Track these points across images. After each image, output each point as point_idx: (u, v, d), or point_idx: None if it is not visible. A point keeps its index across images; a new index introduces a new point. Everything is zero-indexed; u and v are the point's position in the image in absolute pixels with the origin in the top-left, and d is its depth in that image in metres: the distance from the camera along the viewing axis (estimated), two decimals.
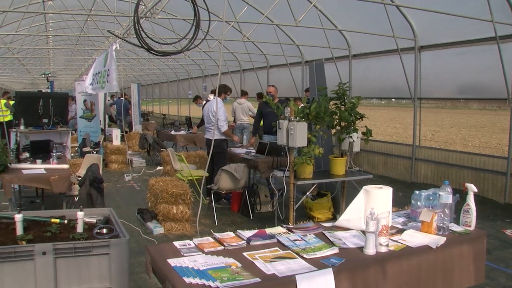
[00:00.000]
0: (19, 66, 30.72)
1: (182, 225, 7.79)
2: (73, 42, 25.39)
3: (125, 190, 10.93)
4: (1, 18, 13.92)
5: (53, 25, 22.37)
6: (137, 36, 5.90)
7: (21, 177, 7.30)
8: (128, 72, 30.39)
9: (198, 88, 25.96)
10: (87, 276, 3.84)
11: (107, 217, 4.68)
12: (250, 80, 20.67)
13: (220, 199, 9.30)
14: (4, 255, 3.65)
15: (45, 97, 10.57)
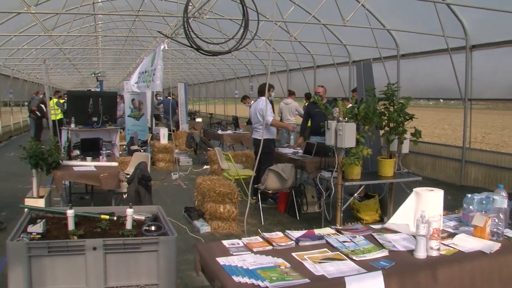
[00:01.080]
0: (70, 66, 31.46)
1: (229, 224, 7.83)
2: (121, 42, 25.84)
3: (172, 188, 11.06)
4: (54, 20, 14.30)
5: (102, 26, 22.81)
6: (187, 36, 5.94)
7: (72, 173, 7.49)
8: (175, 71, 30.73)
9: (245, 88, 26.04)
10: (136, 272, 3.90)
11: (155, 215, 4.73)
12: (297, 80, 20.60)
13: (267, 199, 9.30)
14: (57, 248, 3.75)
15: (94, 96, 10.76)
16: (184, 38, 6.54)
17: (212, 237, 7.45)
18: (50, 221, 4.47)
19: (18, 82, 26.84)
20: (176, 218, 8.14)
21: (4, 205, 8.52)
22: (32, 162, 7.04)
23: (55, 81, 40.30)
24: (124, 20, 19.46)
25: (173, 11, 14.46)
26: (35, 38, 19.15)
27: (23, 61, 22.64)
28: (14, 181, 11.51)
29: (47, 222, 4.30)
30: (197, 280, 5.72)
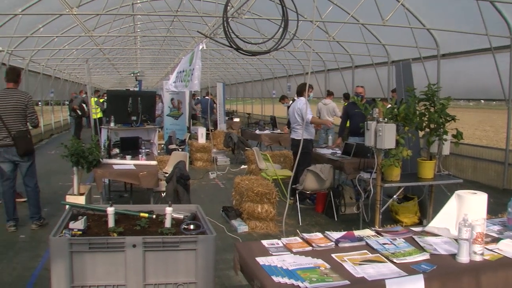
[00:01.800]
0: (109, 65, 31.98)
1: (267, 224, 7.83)
2: (160, 42, 26.13)
3: (209, 188, 11.13)
4: (95, 21, 14.55)
5: (141, 26, 23.12)
6: (226, 36, 5.96)
7: (112, 172, 7.60)
8: (213, 71, 30.93)
9: (283, 88, 26.02)
10: (174, 270, 3.93)
11: (194, 214, 4.76)
12: (335, 80, 20.47)
13: (305, 199, 9.28)
14: (98, 245, 3.82)
15: (134, 95, 10.89)
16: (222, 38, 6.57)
17: (249, 237, 7.47)
18: (91, 218, 4.54)
19: (59, 82, 27.39)
20: (213, 217, 8.18)
21: (46, 202, 8.69)
22: (73, 160, 7.18)
23: (95, 81, 41.03)
24: (162, 20, 19.69)
25: (211, 11, 14.54)
26: (76, 39, 19.55)
27: (64, 61, 23.12)
28: (55, 178, 11.76)
29: (87, 219, 4.37)
30: (235, 280, 5.75)
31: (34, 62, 19.89)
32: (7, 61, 16.27)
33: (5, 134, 7.31)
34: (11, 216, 7.67)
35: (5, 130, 7.29)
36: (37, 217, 7.77)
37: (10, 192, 7.60)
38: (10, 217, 7.67)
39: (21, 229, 7.70)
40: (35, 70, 21.17)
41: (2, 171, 7.57)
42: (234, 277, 5.79)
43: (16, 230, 7.63)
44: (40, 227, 7.73)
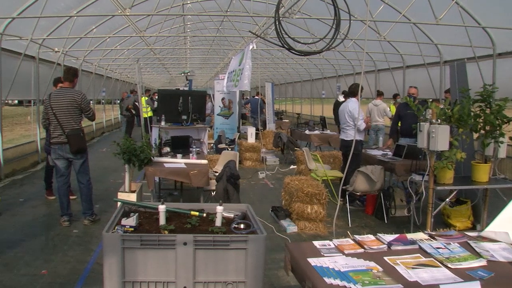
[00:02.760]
0: (159, 65, 32.42)
1: (316, 225, 7.77)
2: (209, 42, 26.33)
3: (259, 187, 11.13)
4: (146, 21, 14.78)
5: (191, 26, 23.36)
6: (278, 36, 5.95)
7: (163, 170, 7.68)
8: (262, 71, 30.99)
9: (332, 88, 25.84)
10: (224, 269, 3.94)
11: (244, 213, 4.77)
12: (385, 81, 20.17)
13: (354, 200, 9.17)
14: (149, 242, 3.87)
15: (184, 95, 10.99)
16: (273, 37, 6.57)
17: (298, 237, 7.43)
18: (142, 215, 4.61)
19: (110, 81, 27.97)
20: (262, 217, 8.17)
21: (98, 198, 8.88)
22: (125, 158, 7.30)
23: (145, 80, 41.67)
24: (212, 20, 19.84)
25: (260, 11, 14.58)
26: (127, 39, 19.94)
27: (115, 61, 23.57)
28: (106, 176, 12.01)
29: (139, 216, 4.43)
30: (283, 280, 5.73)
31: (87, 62, 20.36)
32: (62, 61, 16.71)
33: (59, 132, 7.51)
34: (65, 211, 7.89)
35: (59, 128, 7.49)
36: (89, 213, 7.95)
37: (64, 188, 7.82)
38: (64, 212, 7.89)
39: (75, 224, 7.91)
40: (88, 70, 21.68)
41: (57, 168, 7.81)
42: (283, 277, 5.77)
43: (70, 225, 7.84)
44: (92, 223, 7.91)
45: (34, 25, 11.98)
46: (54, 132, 7.58)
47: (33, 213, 8.71)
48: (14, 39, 12.01)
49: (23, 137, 21.73)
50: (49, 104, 7.54)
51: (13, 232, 7.55)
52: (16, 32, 11.89)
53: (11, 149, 12.99)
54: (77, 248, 6.82)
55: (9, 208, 8.96)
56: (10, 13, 10.95)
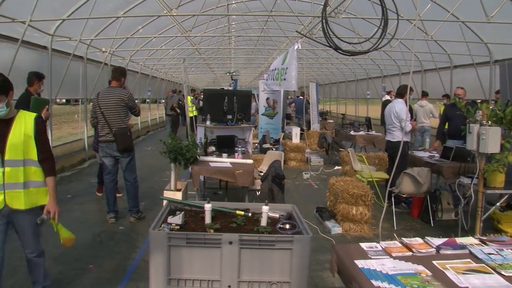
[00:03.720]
0: (204, 65, 32.68)
1: (361, 226, 7.67)
2: (254, 42, 26.38)
3: (303, 188, 11.08)
4: (191, 21, 14.91)
5: (236, 26, 23.44)
6: (325, 35, 5.91)
7: (209, 169, 7.73)
8: (306, 71, 30.86)
9: (377, 88, 25.55)
10: (269, 269, 3.93)
11: (289, 213, 4.75)
12: (431, 81, 19.78)
13: (400, 203, 9.02)
14: (195, 240, 3.90)
15: (229, 94, 11.03)
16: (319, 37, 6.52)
17: (343, 239, 7.37)
18: (188, 213, 4.65)
19: (155, 81, 28.32)
20: (306, 217, 8.08)
21: (143, 196, 8.99)
22: (172, 156, 7.37)
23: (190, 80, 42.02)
24: (257, 20, 19.87)
25: (305, 11, 14.51)
26: (172, 39, 20.15)
27: (160, 60, 23.86)
28: (152, 174, 12.15)
29: (185, 215, 4.47)
30: (327, 281, 5.69)
31: (133, 61, 20.68)
32: (109, 61, 17.03)
33: (107, 131, 7.65)
34: (111, 208, 8.03)
35: (107, 127, 7.62)
36: (135, 210, 8.07)
37: (111, 186, 7.96)
38: (110, 209, 8.03)
39: (121, 221, 8.05)
40: (133, 70, 22.01)
41: (104, 166, 7.96)
42: (327, 279, 5.73)
43: (116, 221, 7.99)
44: (138, 220, 8.03)
45: (83, 26, 12.24)
46: (102, 130, 7.72)
47: (80, 209, 8.91)
48: (64, 40, 12.30)
49: (70, 135, 22.25)
50: (97, 103, 7.68)
51: None
52: (66, 33, 12.18)
53: (59, 146, 13.30)
54: (123, 244, 6.93)
55: (58, 204, 9.13)
56: (60, 15, 11.22)
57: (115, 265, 6.12)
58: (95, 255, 6.45)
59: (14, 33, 9.88)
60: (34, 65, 10.27)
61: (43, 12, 9.87)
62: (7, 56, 9.56)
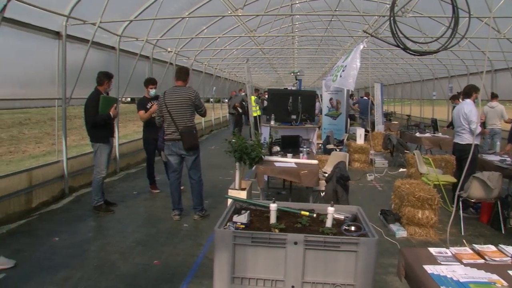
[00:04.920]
0: (267, 65, 32.75)
1: (426, 231, 7.48)
2: (317, 41, 26.24)
3: (367, 189, 10.93)
4: (256, 21, 14.97)
5: (299, 26, 23.36)
6: (393, 35, 5.79)
7: (274, 169, 7.73)
8: (370, 71, 30.47)
9: (443, 89, 24.90)
10: (333, 270, 3.89)
11: (354, 215, 4.69)
12: (503, 81, 19.05)
13: (468, 207, 8.74)
14: (260, 240, 3.90)
15: (294, 94, 11.00)
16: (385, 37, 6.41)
17: (408, 243, 7.20)
18: (253, 213, 4.65)
19: (219, 80, 28.58)
20: (371, 220, 7.90)
21: (207, 194, 9.09)
22: (237, 156, 7.42)
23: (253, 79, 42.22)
24: (321, 20, 19.74)
25: (371, 10, 14.30)
26: (236, 39, 20.28)
27: (224, 60, 24.07)
28: (215, 172, 12.27)
29: (250, 214, 4.47)
30: (391, 286, 5.61)
31: (197, 61, 20.94)
32: (174, 61, 17.32)
33: (173, 129, 7.76)
34: (176, 205, 8.17)
35: (173, 125, 7.74)
36: (199, 208, 8.17)
37: (176, 184, 8.08)
38: (175, 206, 8.17)
39: (185, 219, 8.17)
40: (198, 69, 22.29)
41: (169, 164, 8.09)
42: (391, 283, 5.64)
43: (180, 219, 8.12)
44: (202, 218, 8.12)
45: (149, 27, 12.49)
46: (168, 129, 7.84)
47: (145, 206, 9.13)
48: (131, 40, 12.59)
49: (135, 133, 22.76)
50: (163, 102, 7.81)
51: (127, 223, 7.96)
52: (133, 34, 12.46)
53: (125, 144, 13.61)
54: (187, 241, 7.02)
55: (123, 200, 9.43)
56: (128, 16, 11.51)
57: (179, 261, 6.22)
58: (160, 251, 6.58)
59: (85, 35, 10.20)
60: (102, 65, 10.58)
61: (112, 14, 10.13)
62: (79, 57, 9.88)
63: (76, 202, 9.35)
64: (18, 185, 8.29)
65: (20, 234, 7.28)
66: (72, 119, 27.80)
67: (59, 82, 9.59)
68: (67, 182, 9.82)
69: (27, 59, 8.77)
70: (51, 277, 5.64)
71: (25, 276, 5.66)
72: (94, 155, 8.44)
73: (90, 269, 5.92)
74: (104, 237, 7.29)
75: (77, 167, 10.32)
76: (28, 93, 8.99)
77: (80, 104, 9.97)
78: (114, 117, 8.45)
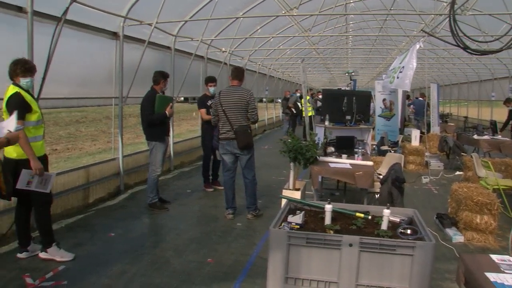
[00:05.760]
0: (320, 65, 32.58)
1: (485, 236, 7.24)
2: (371, 41, 25.91)
3: (422, 192, 10.70)
4: (310, 21, 14.90)
5: (353, 26, 23.13)
6: (453, 34, 5.66)
7: (328, 170, 7.70)
8: (425, 72, 29.87)
9: (503, 89, 24.16)
10: (388, 274, 3.86)
11: (410, 218, 4.62)
12: None
13: None
14: (315, 241, 3.90)
15: (348, 95, 10.91)
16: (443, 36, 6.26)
17: (465, 248, 7.00)
18: (307, 213, 4.64)
19: (272, 80, 28.59)
20: (426, 223, 7.75)
21: (260, 194, 9.09)
22: (291, 156, 7.40)
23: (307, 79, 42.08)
24: (376, 19, 19.47)
25: (427, 9, 13.99)
26: (290, 39, 20.23)
27: (278, 60, 24.06)
28: (268, 172, 12.27)
29: (304, 214, 4.46)
30: None
31: (251, 61, 20.99)
32: (228, 61, 17.44)
33: (228, 128, 7.82)
34: (230, 204, 8.22)
35: (228, 125, 7.79)
36: (253, 208, 8.19)
37: (230, 182, 8.14)
38: (229, 205, 8.22)
39: (238, 218, 8.20)
40: (251, 69, 22.35)
41: (224, 163, 8.14)
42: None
43: (234, 218, 8.16)
44: (255, 217, 8.14)
45: (204, 27, 12.60)
46: (222, 128, 7.90)
47: (199, 204, 9.23)
48: (186, 40, 12.73)
49: (189, 132, 23.06)
50: (219, 101, 7.87)
51: (181, 221, 8.07)
52: (187, 33, 12.60)
53: (179, 143, 13.78)
54: (241, 240, 7.06)
55: (177, 197, 9.56)
56: (183, 17, 11.65)
57: (233, 260, 6.25)
58: (213, 249, 6.63)
59: (141, 35, 10.39)
60: (158, 65, 10.74)
61: (168, 14, 10.27)
62: (135, 56, 10.07)
63: (131, 199, 9.53)
64: (76, 181, 8.53)
65: (78, 229, 7.49)
66: (127, 117, 28.34)
67: (116, 82, 9.82)
68: (122, 179, 10.03)
69: (86, 59, 9.02)
70: (107, 270, 5.78)
71: (83, 269, 5.83)
72: (150, 153, 8.59)
73: (144, 264, 6.03)
74: (159, 234, 7.44)
75: (132, 164, 10.54)
76: (86, 92, 9.24)
77: (135, 103, 10.18)
78: (170, 116, 8.57)
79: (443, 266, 6.07)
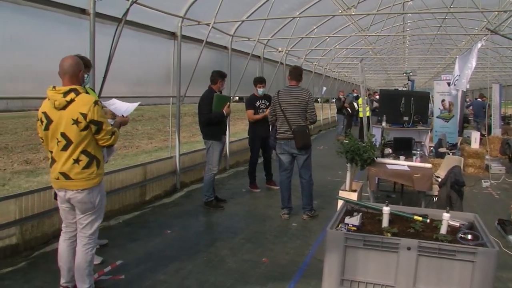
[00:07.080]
0: (376, 65, 32.21)
1: None
2: (429, 40, 25.39)
3: (482, 197, 10.41)
4: (367, 20, 14.76)
5: (411, 25, 22.76)
6: None
7: (386, 171, 7.61)
8: (486, 72, 29.06)
9: None
10: (447, 279, 3.80)
11: (471, 223, 4.52)
12: None
13: None
14: (372, 243, 3.88)
15: (407, 95, 10.75)
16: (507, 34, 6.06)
17: None
18: (364, 215, 4.61)
19: (328, 80, 28.42)
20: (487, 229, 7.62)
21: (316, 194, 9.03)
22: (349, 156, 7.35)
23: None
24: (435, 18, 19.06)
25: (490, 5, 13.59)
26: (346, 39, 20.08)
27: (334, 60, 23.92)
28: (324, 173, 12.19)
29: (361, 216, 4.43)
30: None
31: (307, 61, 20.92)
32: (284, 61, 17.45)
33: (286, 128, 7.84)
34: (285, 204, 8.22)
35: (286, 124, 7.81)
36: (308, 208, 8.16)
37: (286, 182, 8.15)
38: (285, 205, 8.23)
39: (293, 218, 8.19)
40: (308, 69, 22.28)
41: (281, 162, 8.16)
42: None
43: (289, 218, 8.16)
44: (311, 218, 8.11)
45: (260, 27, 12.65)
46: (280, 127, 7.92)
47: (254, 203, 9.28)
48: (243, 40, 12.82)
49: (244, 131, 23.15)
50: (277, 101, 7.90)
51: (237, 220, 8.14)
52: (244, 33, 12.69)
53: (235, 142, 13.88)
54: (296, 241, 7.04)
55: (233, 196, 9.65)
56: (239, 17, 11.74)
57: (288, 260, 6.24)
58: (268, 249, 6.64)
59: (198, 35, 10.53)
60: (215, 64, 10.84)
61: (225, 14, 10.35)
62: (192, 56, 10.21)
63: (187, 197, 9.67)
64: (133, 178, 8.72)
65: (135, 225, 7.66)
66: (183, 116, 28.69)
67: (174, 81, 9.98)
68: (178, 177, 10.18)
69: (144, 59, 9.23)
70: (163, 267, 5.89)
71: (139, 264, 5.97)
72: (207, 152, 8.69)
73: (200, 262, 6.10)
74: (214, 232, 7.53)
75: (188, 163, 10.68)
76: (143, 91, 9.43)
77: (191, 102, 10.31)
78: (227, 115, 8.65)
79: (506, 275, 5.87)
